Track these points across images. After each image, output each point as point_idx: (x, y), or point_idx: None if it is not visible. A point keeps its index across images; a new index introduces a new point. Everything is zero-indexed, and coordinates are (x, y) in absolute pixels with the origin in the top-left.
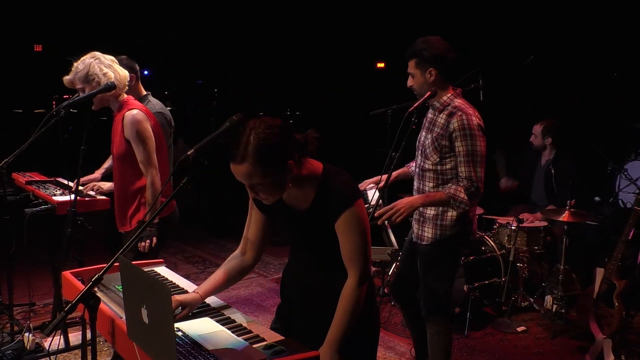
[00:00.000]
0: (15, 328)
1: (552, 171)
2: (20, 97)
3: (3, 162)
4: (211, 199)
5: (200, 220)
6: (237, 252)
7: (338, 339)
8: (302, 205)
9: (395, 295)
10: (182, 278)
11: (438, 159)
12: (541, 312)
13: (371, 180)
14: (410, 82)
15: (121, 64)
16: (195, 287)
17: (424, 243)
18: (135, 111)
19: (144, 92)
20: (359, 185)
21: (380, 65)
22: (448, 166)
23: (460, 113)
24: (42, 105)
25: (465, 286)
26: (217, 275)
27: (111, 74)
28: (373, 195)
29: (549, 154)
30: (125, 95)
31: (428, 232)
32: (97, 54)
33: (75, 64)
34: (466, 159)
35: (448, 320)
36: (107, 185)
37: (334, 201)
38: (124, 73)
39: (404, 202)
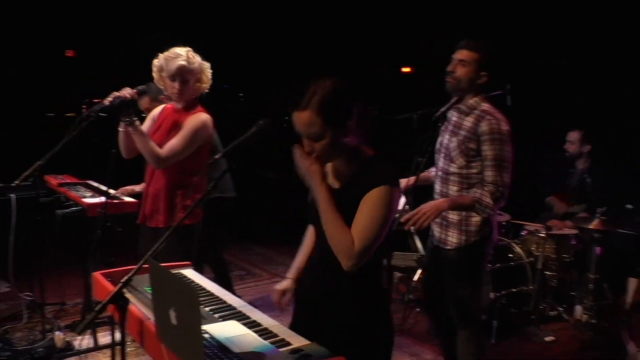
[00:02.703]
0: (47, 326)
1: (588, 180)
2: (52, 102)
3: (36, 165)
4: (237, 201)
5: (227, 224)
6: (310, 227)
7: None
8: (341, 181)
9: (431, 306)
10: (209, 280)
11: (464, 163)
12: (570, 321)
13: None
14: (456, 68)
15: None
16: (220, 288)
17: (449, 248)
18: (206, 116)
19: None
20: None
21: (406, 69)
22: (474, 170)
23: (489, 117)
24: (74, 110)
25: (492, 293)
26: (301, 258)
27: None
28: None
29: (585, 162)
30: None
31: (453, 237)
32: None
33: (183, 52)
34: (493, 164)
35: (478, 327)
36: (139, 187)
37: (370, 177)
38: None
39: (430, 205)
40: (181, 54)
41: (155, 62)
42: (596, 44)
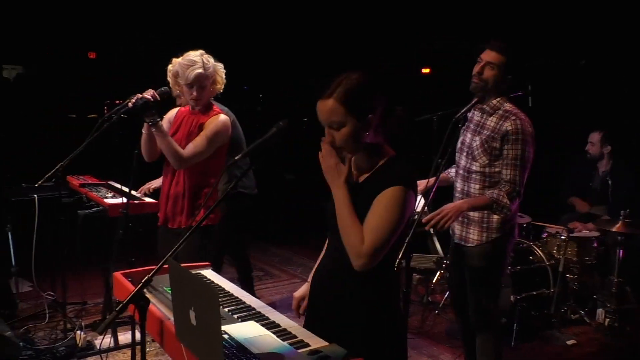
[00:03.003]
0: (68, 325)
1: (610, 182)
2: (74, 103)
3: (58, 166)
4: (256, 203)
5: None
6: None
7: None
8: (359, 176)
9: (453, 305)
10: (227, 281)
11: (487, 161)
12: (592, 325)
13: None
14: (482, 70)
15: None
16: (239, 289)
17: (469, 245)
18: (225, 117)
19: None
20: None
21: (426, 70)
22: (497, 169)
23: (514, 117)
24: (95, 111)
25: (512, 296)
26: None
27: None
28: (418, 202)
29: (607, 163)
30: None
31: (474, 234)
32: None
33: (197, 59)
34: (514, 162)
35: (498, 330)
36: (155, 183)
37: (386, 176)
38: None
39: (451, 206)
40: (197, 61)
41: (170, 67)
42: (616, 44)
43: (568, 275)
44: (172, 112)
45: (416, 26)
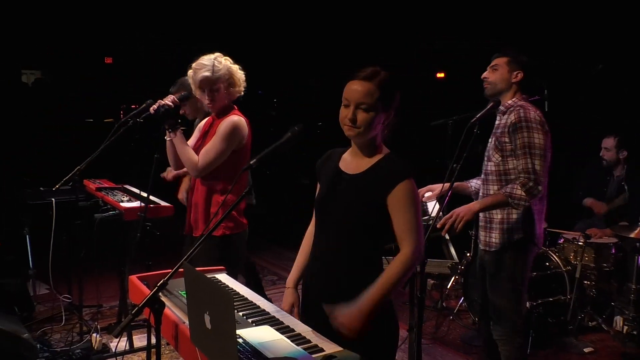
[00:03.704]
0: (84, 328)
1: (626, 187)
2: (91, 107)
3: (76, 170)
4: (271, 207)
5: (259, 228)
6: (311, 227)
7: (372, 305)
8: (357, 169)
9: (480, 316)
10: (242, 285)
11: (500, 158)
12: (610, 333)
13: (424, 189)
14: (489, 74)
15: (185, 83)
16: (253, 293)
17: (492, 249)
18: (237, 118)
19: None
20: None
21: (440, 75)
22: (510, 165)
23: (518, 108)
24: (112, 115)
25: (527, 302)
26: (301, 261)
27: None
28: (433, 207)
29: (622, 168)
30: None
31: (495, 238)
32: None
33: (207, 62)
34: (522, 151)
35: (521, 340)
36: (171, 174)
37: (391, 170)
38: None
39: (462, 208)
40: (205, 64)
41: (190, 72)
42: (631, 48)
43: (585, 282)
44: (203, 122)
45: (431, 30)
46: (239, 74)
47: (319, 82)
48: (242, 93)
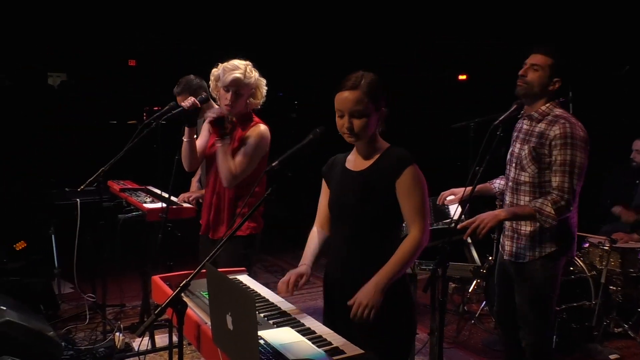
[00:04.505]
0: (107, 327)
1: None
2: (115, 109)
3: (100, 171)
4: (292, 209)
5: (280, 230)
6: (315, 228)
7: (386, 279)
8: (362, 166)
9: (500, 322)
10: (263, 286)
11: (537, 171)
12: (637, 339)
13: (447, 192)
14: (527, 72)
15: (191, 84)
16: (274, 294)
17: (520, 261)
18: (264, 127)
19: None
20: (438, 199)
21: (463, 77)
22: (547, 178)
23: (563, 121)
24: (135, 117)
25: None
26: (312, 247)
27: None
28: (455, 210)
29: None
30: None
31: (524, 249)
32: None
33: (241, 65)
34: (562, 169)
35: (550, 350)
36: (200, 192)
37: (395, 159)
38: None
39: (488, 214)
40: (239, 67)
41: (214, 71)
42: None
43: (611, 287)
44: None
45: (453, 32)
46: (264, 89)
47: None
48: (259, 107)
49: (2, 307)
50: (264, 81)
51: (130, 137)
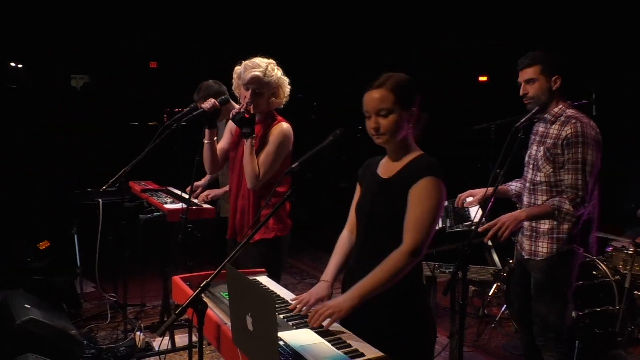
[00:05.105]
0: (128, 326)
1: None
2: (136, 111)
3: (122, 172)
4: (311, 211)
5: (300, 231)
6: (345, 232)
7: (362, 295)
8: (389, 172)
9: (517, 321)
10: (282, 287)
11: (551, 170)
12: None
13: (465, 194)
14: (526, 89)
15: (210, 89)
16: (293, 295)
17: (538, 259)
18: (286, 125)
19: None
20: (456, 201)
21: (483, 78)
22: (562, 177)
23: (574, 121)
24: (156, 119)
25: (573, 312)
26: (337, 259)
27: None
28: (476, 212)
29: None
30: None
31: (543, 247)
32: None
33: (262, 64)
34: (574, 167)
35: (566, 349)
36: (219, 191)
37: (417, 168)
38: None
39: (508, 216)
40: (260, 65)
41: (237, 68)
42: None
43: (635, 292)
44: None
45: (473, 33)
46: (287, 88)
47: (360, 84)
48: (282, 106)
49: (26, 305)
50: (286, 80)
51: (151, 138)
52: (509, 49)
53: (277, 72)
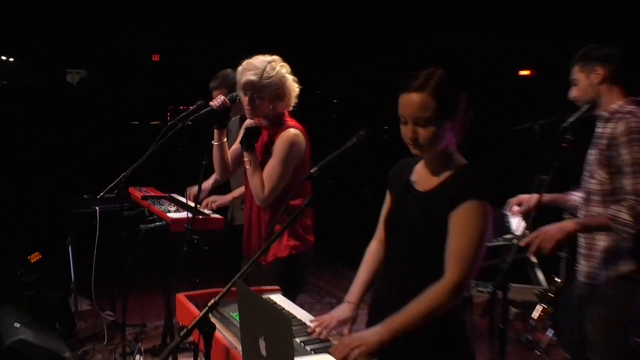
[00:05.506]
0: (127, 349)
1: None
2: (137, 109)
3: (121, 176)
4: (332, 221)
5: (318, 245)
6: (373, 244)
7: (393, 331)
8: (428, 185)
9: (567, 350)
10: (298, 307)
11: (606, 176)
12: None
13: (515, 200)
14: (572, 92)
15: (228, 78)
16: (311, 317)
17: (594, 282)
18: (293, 132)
19: None
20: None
21: (525, 72)
22: (619, 184)
23: (629, 116)
24: (158, 117)
25: (636, 339)
26: (364, 277)
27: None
28: (518, 223)
29: None
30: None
31: (600, 269)
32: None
33: (260, 64)
34: (632, 169)
35: None
36: (226, 198)
37: (461, 187)
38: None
39: (553, 227)
40: (257, 67)
41: (239, 69)
42: None
43: None
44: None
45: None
46: (292, 86)
47: (385, 80)
48: (291, 108)
49: (15, 325)
50: (291, 78)
51: (154, 139)
52: (556, 40)
53: (279, 71)
